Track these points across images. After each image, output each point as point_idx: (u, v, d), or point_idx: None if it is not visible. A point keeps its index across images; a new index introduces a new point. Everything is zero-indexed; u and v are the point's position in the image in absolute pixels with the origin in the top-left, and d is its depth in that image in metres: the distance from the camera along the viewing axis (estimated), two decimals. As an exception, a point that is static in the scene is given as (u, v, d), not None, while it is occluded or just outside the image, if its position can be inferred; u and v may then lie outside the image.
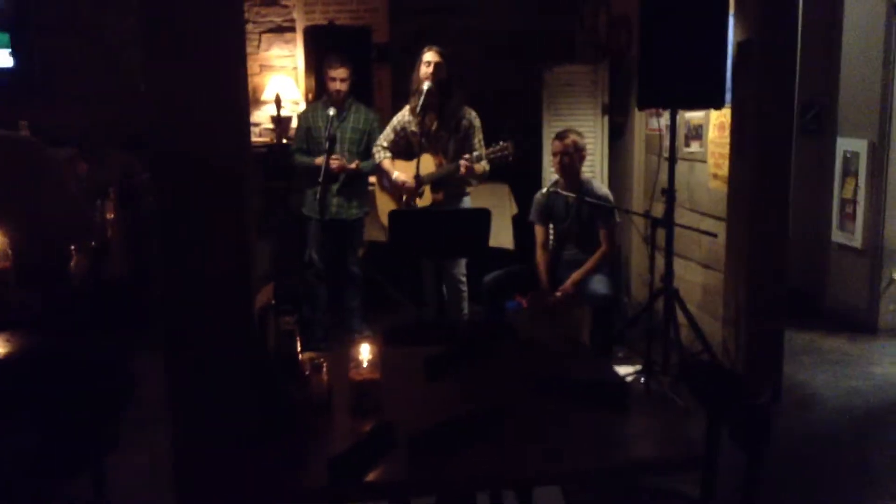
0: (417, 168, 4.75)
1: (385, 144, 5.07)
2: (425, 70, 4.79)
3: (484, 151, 4.81)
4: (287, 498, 1.95)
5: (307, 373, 2.13)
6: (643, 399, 4.12)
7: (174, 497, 2.01)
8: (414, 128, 4.92)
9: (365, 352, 2.22)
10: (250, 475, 1.91)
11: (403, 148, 5.04)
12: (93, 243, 2.32)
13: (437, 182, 4.86)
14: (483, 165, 4.83)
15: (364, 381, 2.18)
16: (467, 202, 5.02)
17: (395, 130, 5.05)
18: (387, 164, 5.02)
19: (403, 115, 5.02)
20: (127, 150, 5.00)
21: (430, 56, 4.79)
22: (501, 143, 4.72)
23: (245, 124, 2.18)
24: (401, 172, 4.92)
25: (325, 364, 2.18)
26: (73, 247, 2.27)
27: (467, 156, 4.75)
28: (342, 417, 2.19)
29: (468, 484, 2.07)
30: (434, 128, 4.89)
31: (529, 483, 2.37)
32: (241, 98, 2.13)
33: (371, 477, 1.90)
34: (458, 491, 2.14)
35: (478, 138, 4.91)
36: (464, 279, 5.09)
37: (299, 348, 2.19)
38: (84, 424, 2.26)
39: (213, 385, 1.99)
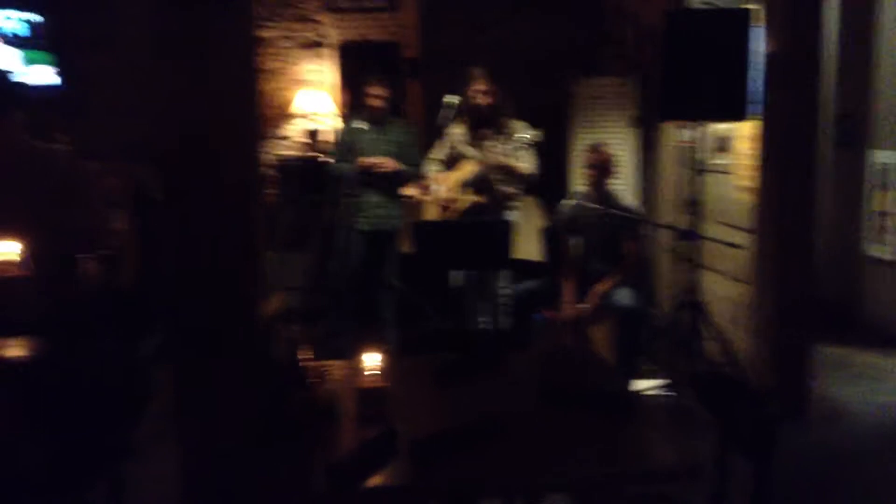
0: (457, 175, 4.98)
1: (439, 158, 5.22)
2: (475, 97, 4.96)
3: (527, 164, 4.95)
4: None
5: (312, 381, 2.17)
6: (661, 410, 4.10)
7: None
8: (463, 140, 5.10)
9: (373, 360, 2.25)
10: (254, 482, 1.95)
11: (455, 163, 5.18)
12: (104, 252, 2.40)
13: (478, 184, 4.97)
14: (523, 165, 4.93)
15: (370, 389, 2.22)
16: (515, 216, 5.13)
17: (449, 146, 5.18)
18: (435, 175, 5.17)
19: (457, 132, 5.16)
20: (142, 163, 5.13)
21: (478, 85, 4.95)
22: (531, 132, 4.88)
23: (254, 137, 2.23)
24: (441, 185, 5.10)
25: (331, 372, 2.22)
26: (83, 256, 2.35)
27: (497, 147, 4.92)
28: (348, 425, 2.23)
29: (470, 491, 2.09)
30: (486, 138, 5.05)
31: (533, 491, 2.38)
32: (251, 111, 2.19)
33: (372, 483, 1.94)
34: (460, 498, 2.16)
35: (524, 149, 5.01)
36: (505, 292, 5.13)
37: (308, 356, 2.23)
38: (100, 431, 2.33)
39: (219, 392, 2.04)
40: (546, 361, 3.02)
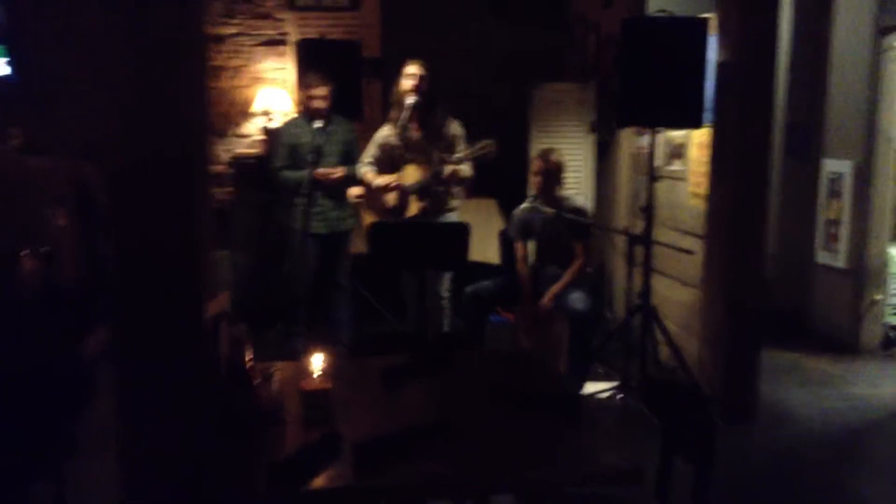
0: (402, 180, 4.80)
1: (369, 160, 5.05)
2: (409, 83, 4.79)
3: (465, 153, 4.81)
4: (231, 504, 1.98)
5: (257, 382, 2.16)
6: (611, 413, 4.14)
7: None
8: (397, 141, 4.93)
9: (317, 362, 2.25)
10: (196, 482, 1.94)
11: (387, 163, 5.01)
12: (44, 249, 2.35)
13: (422, 190, 4.85)
14: (467, 170, 4.83)
15: (314, 391, 2.21)
16: (453, 218, 4.97)
17: (378, 146, 5.02)
18: (370, 176, 5.00)
19: (384, 130, 5.02)
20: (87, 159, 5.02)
21: (413, 69, 4.79)
22: (483, 141, 4.72)
23: (204, 135, 2.21)
24: (389, 194, 4.92)
25: (276, 373, 2.21)
26: (23, 252, 2.30)
27: (446, 155, 4.77)
28: (292, 427, 2.22)
29: (411, 491, 2.09)
30: (417, 139, 4.90)
31: (476, 491, 2.39)
32: (199, 108, 2.17)
33: (314, 484, 1.93)
34: (402, 498, 2.16)
35: (461, 147, 4.89)
36: (446, 295, 5.10)
37: (251, 357, 2.22)
38: (42, 429, 2.29)
39: (162, 393, 2.02)
40: (497, 363, 3.04)
